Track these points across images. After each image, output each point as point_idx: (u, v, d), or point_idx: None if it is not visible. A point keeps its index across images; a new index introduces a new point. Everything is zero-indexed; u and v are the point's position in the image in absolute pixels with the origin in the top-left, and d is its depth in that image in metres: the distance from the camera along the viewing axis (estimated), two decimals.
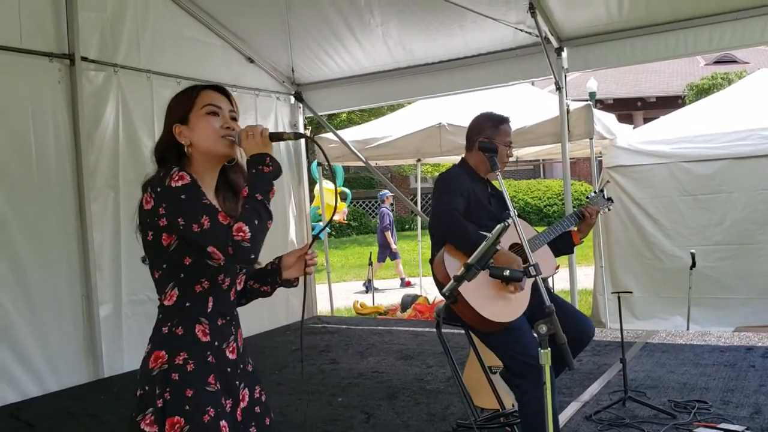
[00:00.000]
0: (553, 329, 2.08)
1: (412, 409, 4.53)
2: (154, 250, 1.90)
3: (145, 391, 1.83)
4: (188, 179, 1.82)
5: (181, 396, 1.79)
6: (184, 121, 1.96)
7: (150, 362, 1.85)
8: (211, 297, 1.91)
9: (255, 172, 1.88)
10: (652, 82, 23.15)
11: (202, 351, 1.87)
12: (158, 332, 1.90)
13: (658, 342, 6.04)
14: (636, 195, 7.24)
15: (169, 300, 1.90)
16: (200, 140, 1.94)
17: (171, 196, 1.80)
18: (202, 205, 1.80)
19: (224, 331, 1.93)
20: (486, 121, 3.45)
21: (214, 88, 2.03)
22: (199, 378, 1.83)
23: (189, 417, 1.77)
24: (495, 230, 2.25)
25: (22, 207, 5.30)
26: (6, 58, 5.19)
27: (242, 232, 1.76)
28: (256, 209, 1.81)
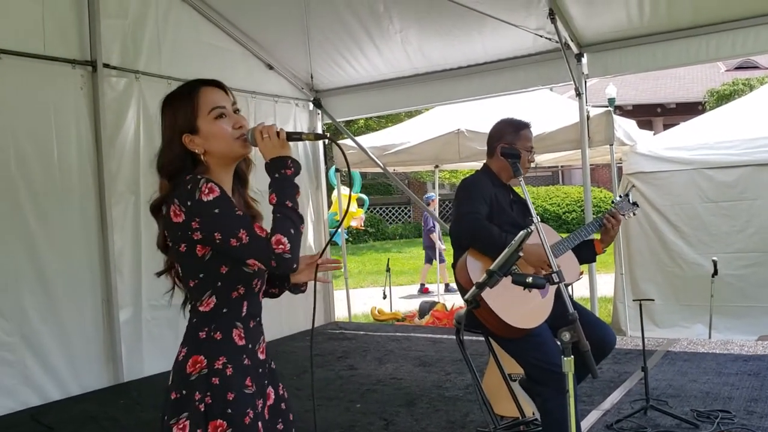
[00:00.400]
0: (577, 337, 2.06)
1: (431, 416, 4.51)
2: (189, 261, 1.87)
3: (182, 395, 1.82)
4: (218, 191, 1.79)
5: (223, 400, 1.80)
6: (192, 130, 1.90)
7: (187, 367, 1.84)
8: (245, 302, 1.91)
9: (278, 176, 1.85)
10: (672, 88, 22.98)
11: (239, 354, 1.88)
12: (194, 337, 1.88)
13: (679, 350, 5.97)
14: (657, 202, 7.17)
15: (206, 306, 1.88)
16: (216, 147, 1.90)
17: (204, 210, 1.77)
18: (237, 219, 1.78)
19: (255, 333, 1.95)
20: (507, 126, 3.44)
21: (209, 84, 1.95)
22: (238, 381, 1.84)
23: (231, 420, 1.79)
24: (518, 236, 2.24)
25: (45, 212, 5.36)
26: (30, 64, 5.26)
27: (282, 244, 1.76)
28: (289, 218, 1.80)
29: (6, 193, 5.15)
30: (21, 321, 5.16)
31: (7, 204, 5.15)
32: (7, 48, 5.08)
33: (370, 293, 11.47)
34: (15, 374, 5.10)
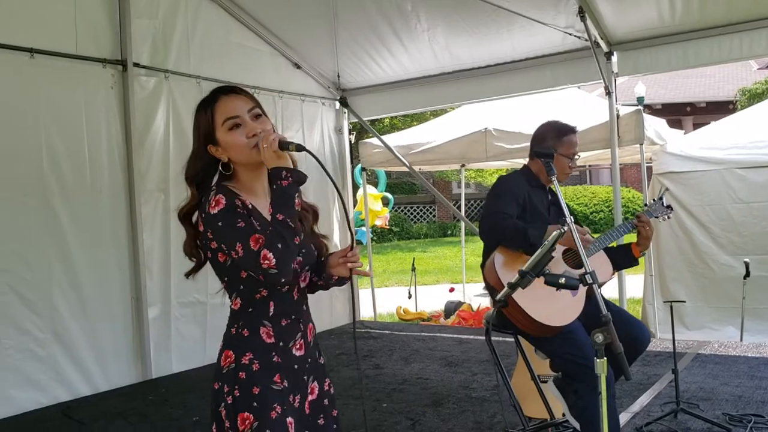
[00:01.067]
0: (610, 338, 2.04)
1: (457, 417, 4.49)
2: (215, 266, 1.98)
3: (219, 386, 1.92)
4: (223, 203, 1.86)
5: (249, 393, 1.87)
6: (213, 142, 1.96)
7: (221, 360, 1.94)
8: (271, 302, 1.95)
9: (275, 188, 1.87)
10: (702, 87, 22.63)
11: (267, 351, 1.93)
12: (227, 332, 1.97)
13: (710, 353, 5.89)
14: (687, 202, 7.06)
15: (235, 305, 1.97)
16: (235, 156, 1.96)
17: (211, 222, 1.87)
18: (235, 231, 1.84)
19: (290, 330, 1.97)
20: (550, 131, 3.41)
21: (226, 92, 1.99)
22: (264, 377, 1.90)
23: (257, 413, 1.85)
24: (551, 237, 2.22)
25: (76, 210, 5.44)
26: (62, 64, 5.34)
27: (267, 260, 1.78)
28: (278, 232, 1.82)
29: (38, 190, 5.23)
30: (52, 317, 5.25)
31: (40, 202, 5.24)
32: (40, 47, 5.16)
33: (395, 292, 11.45)
34: (46, 370, 5.19)
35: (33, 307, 5.13)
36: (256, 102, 2.01)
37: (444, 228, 22.76)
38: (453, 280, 12.38)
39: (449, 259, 16.41)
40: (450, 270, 14.44)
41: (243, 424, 1.84)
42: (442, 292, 10.77)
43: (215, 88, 2.02)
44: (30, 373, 5.08)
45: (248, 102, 1.98)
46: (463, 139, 7.92)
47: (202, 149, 1.97)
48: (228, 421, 1.87)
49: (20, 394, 5.01)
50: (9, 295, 5.01)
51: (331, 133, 8.11)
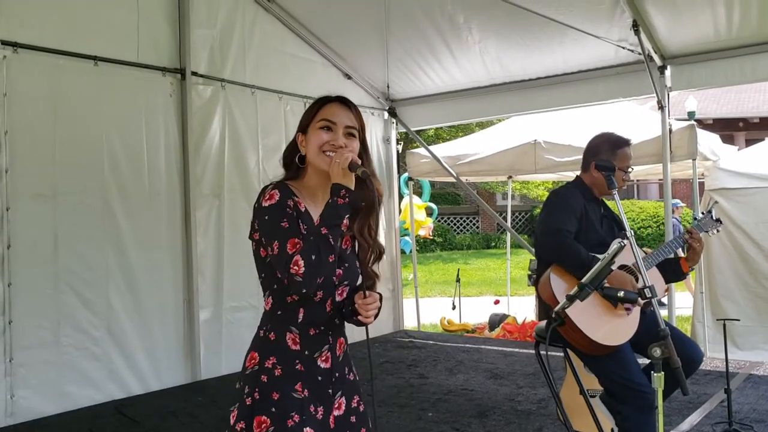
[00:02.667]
0: (668, 353, 2.04)
1: (503, 429, 4.49)
2: (257, 259, 1.99)
3: (240, 385, 1.94)
4: (276, 199, 1.88)
5: (268, 398, 1.87)
6: (304, 131, 2.03)
7: (247, 361, 1.95)
8: (301, 308, 1.94)
9: (330, 202, 1.90)
10: (756, 102, 22.10)
11: (291, 358, 1.92)
12: (257, 334, 2.00)
13: (763, 374, 5.76)
14: (740, 219, 6.92)
15: (267, 305, 1.98)
16: (309, 152, 2.00)
17: (259, 215, 1.90)
18: (278, 230, 1.85)
19: (317, 341, 1.96)
20: (604, 143, 3.40)
21: (340, 101, 2.06)
22: (286, 383, 1.90)
23: (274, 419, 1.85)
24: (612, 249, 2.23)
25: (134, 212, 5.60)
26: (123, 71, 5.53)
27: (296, 266, 1.79)
28: (316, 243, 1.83)
29: (99, 193, 5.41)
30: (108, 316, 5.41)
31: (100, 204, 5.42)
32: (103, 55, 5.36)
33: (438, 303, 11.46)
34: (101, 367, 5.35)
35: (90, 307, 5.30)
36: (361, 125, 2.06)
37: (487, 239, 22.66)
38: (497, 292, 12.33)
39: (493, 271, 16.34)
40: (494, 282, 14.39)
41: (259, 427, 1.84)
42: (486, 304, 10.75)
43: (338, 95, 2.09)
44: (86, 371, 5.24)
45: (352, 120, 2.03)
46: (512, 150, 7.92)
47: (296, 137, 2.06)
48: (243, 422, 1.86)
49: (77, 390, 5.17)
50: (69, 294, 5.19)
51: (379, 142, 8.19)
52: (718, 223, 3.48)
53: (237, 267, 6.13)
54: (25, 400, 4.86)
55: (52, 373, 5.04)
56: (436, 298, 12.64)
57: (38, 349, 4.96)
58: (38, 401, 4.93)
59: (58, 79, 5.13)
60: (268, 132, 6.62)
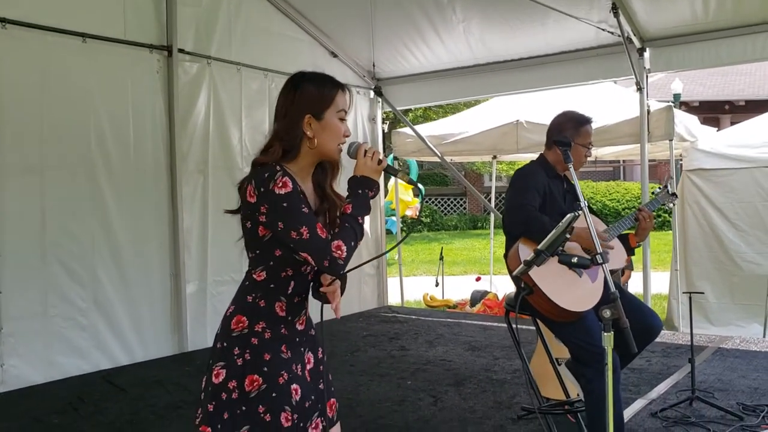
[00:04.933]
0: (617, 314, 2.18)
1: (478, 396, 4.66)
2: (251, 237, 2.07)
3: (223, 346, 2.05)
4: (290, 186, 1.96)
5: (260, 358, 2.01)
6: (318, 116, 2.06)
7: (232, 323, 2.06)
8: (293, 281, 2.09)
9: (361, 193, 2.04)
10: (742, 85, 22.29)
11: (278, 323, 2.07)
12: (243, 298, 2.09)
13: (731, 347, 5.96)
14: (716, 199, 7.10)
15: (259, 277, 2.08)
16: (324, 141, 2.06)
17: (274, 201, 1.95)
18: (303, 216, 1.95)
19: (298, 308, 2.13)
20: (568, 121, 3.52)
21: (346, 90, 2.14)
22: (274, 345, 2.04)
23: (266, 377, 1.99)
24: (565, 219, 2.37)
25: (120, 188, 5.70)
26: (111, 48, 5.61)
27: (340, 250, 1.95)
28: (355, 230, 2.00)
29: (85, 169, 5.51)
30: (95, 289, 5.53)
31: (86, 180, 5.51)
32: (91, 32, 5.43)
33: (423, 281, 11.63)
34: (88, 338, 5.48)
35: (77, 279, 5.42)
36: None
37: (474, 220, 22.84)
38: (481, 271, 12.51)
39: (477, 251, 16.53)
40: (478, 261, 14.57)
41: (251, 385, 1.97)
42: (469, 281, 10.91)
43: (335, 79, 2.14)
44: (73, 341, 5.38)
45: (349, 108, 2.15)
46: (495, 130, 8.03)
47: (300, 116, 2.05)
48: (234, 380, 1.98)
49: (65, 359, 5.31)
50: (56, 266, 5.30)
51: (365, 121, 8.28)
52: (674, 197, 3.68)
53: (221, 242, 6.27)
54: (15, 369, 4.99)
55: (40, 342, 5.17)
56: (421, 277, 12.82)
57: (27, 320, 5.08)
58: (27, 370, 5.06)
59: (46, 56, 5.20)
60: (252, 109, 6.71)
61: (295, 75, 2.15)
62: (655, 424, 4.00)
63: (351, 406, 4.50)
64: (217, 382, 2.00)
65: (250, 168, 2.09)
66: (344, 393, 4.77)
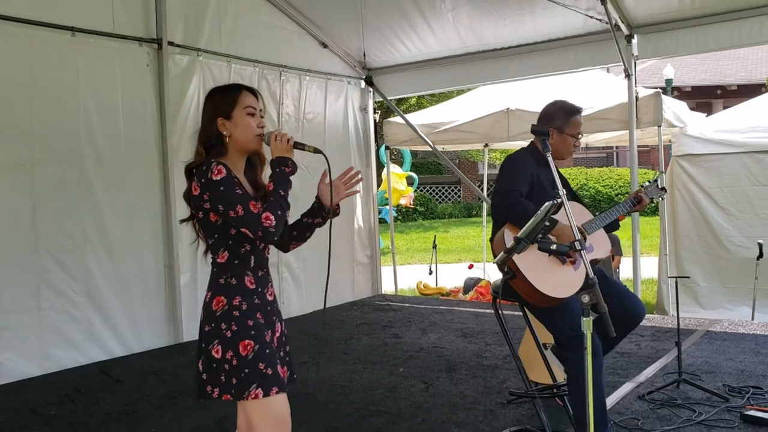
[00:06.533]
0: (596, 299, 2.24)
1: (469, 382, 4.73)
2: (206, 225, 2.40)
3: (211, 327, 2.35)
4: (224, 172, 2.29)
5: (245, 325, 2.33)
6: (227, 116, 2.41)
7: (213, 305, 2.37)
8: (252, 256, 2.43)
9: (278, 171, 2.39)
10: (734, 69, 22.35)
11: (251, 295, 2.40)
12: (216, 282, 2.40)
13: (720, 330, 6.04)
14: (705, 184, 7.16)
15: (222, 258, 2.40)
16: (239, 135, 2.42)
17: (213, 187, 2.28)
18: (237, 196, 2.28)
19: (264, 280, 2.47)
20: (558, 111, 3.55)
21: (251, 90, 2.48)
22: (252, 313, 2.37)
23: (254, 338, 2.32)
24: (544, 207, 2.42)
25: (111, 182, 5.73)
26: (100, 42, 5.63)
27: (269, 220, 2.28)
28: (278, 202, 2.33)
29: (76, 163, 5.53)
30: (87, 281, 5.57)
31: (77, 174, 5.54)
32: (80, 26, 5.44)
33: (417, 270, 11.70)
34: (82, 330, 5.52)
35: (70, 272, 5.45)
36: (264, 107, 2.54)
37: (469, 208, 22.91)
38: (474, 258, 12.57)
39: (472, 239, 16.60)
40: (472, 249, 14.65)
41: (245, 349, 2.29)
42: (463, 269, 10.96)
43: (238, 84, 2.52)
44: (67, 334, 5.41)
45: (260, 105, 2.49)
46: (486, 118, 8.07)
47: (214, 120, 2.41)
48: (230, 351, 2.29)
49: (60, 352, 5.35)
50: (48, 259, 5.33)
51: (356, 111, 8.31)
52: (663, 192, 3.74)
53: None
54: (9, 362, 5.04)
55: (34, 336, 5.21)
56: (414, 265, 12.88)
57: (20, 313, 5.12)
58: (22, 363, 5.10)
59: (35, 50, 5.21)
60: None
61: (209, 91, 2.54)
62: (642, 406, 4.07)
63: (344, 393, 4.56)
64: (219, 357, 2.31)
65: (185, 175, 2.46)
66: (337, 381, 4.83)
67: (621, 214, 3.53)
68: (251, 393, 2.26)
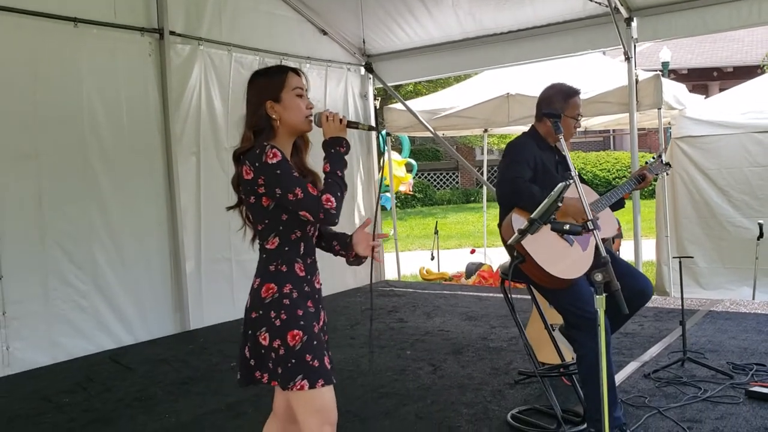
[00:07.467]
0: (608, 277, 2.28)
1: (476, 363, 4.79)
2: (257, 210, 2.33)
3: (259, 314, 2.30)
4: (280, 156, 2.24)
5: (295, 315, 2.29)
6: (276, 99, 2.36)
7: (262, 292, 2.31)
8: (302, 243, 2.38)
9: (333, 152, 2.35)
10: (730, 51, 22.31)
11: (301, 283, 2.35)
12: (266, 269, 2.34)
13: (722, 310, 6.11)
14: (704, 166, 7.20)
15: (272, 245, 2.34)
16: (288, 117, 2.37)
17: (268, 170, 2.23)
18: (295, 179, 2.24)
19: (312, 268, 2.41)
20: (557, 93, 3.58)
21: (296, 71, 2.43)
22: (302, 302, 2.33)
23: (304, 329, 2.28)
24: (557, 188, 2.46)
25: (115, 171, 5.78)
26: (102, 32, 5.65)
27: (330, 202, 2.25)
28: (337, 183, 2.30)
29: (79, 152, 5.57)
30: (94, 271, 5.62)
31: (80, 163, 5.58)
32: (81, 16, 5.45)
33: (418, 256, 11.75)
34: (89, 319, 5.58)
35: (76, 262, 5.51)
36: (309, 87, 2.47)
37: (467, 194, 22.94)
38: (475, 244, 12.62)
39: (471, 225, 16.66)
40: (472, 235, 14.70)
41: (293, 339, 2.25)
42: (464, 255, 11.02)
43: (287, 66, 2.48)
44: (75, 323, 5.48)
45: (306, 85, 2.44)
46: (486, 104, 8.09)
47: (262, 104, 2.35)
48: (277, 339, 2.25)
49: (69, 341, 5.41)
50: (55, 249, 5.38)
51: (356, 98, 8.33)
52: (668, 167, 3.76)
53: (213, 223, 6.35)
54: (19, 351, 5.09)
55: (43, 325, 5.27)
56: (416, 252, 12.93)
57: (28, 303, 5.18)
58: (32, 352, 5.17)
59: (38, 41, 5.23)
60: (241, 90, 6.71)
61: (251, 75, 2.48)
62: (648, 384, 4.13)
63: (353, 377, 4.62)
64: (266, 345, 2.27)
65: (233, 161, 2.38)
66: (346, 365, 4.89)
67: (626, 193, 3.57)
68: (296, 384, 2.22)
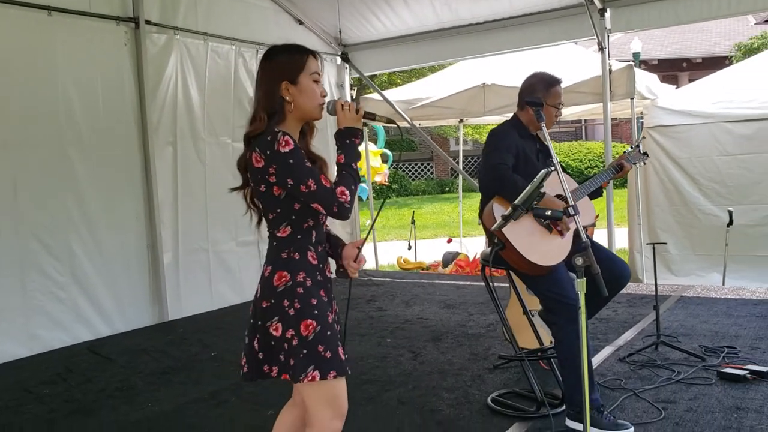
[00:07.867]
0: (588, 261, 2.35)
1: (455, 350, 4.86)
2: (268, 199, 2.25)
3: (271, 303, 2.22)
4: (292, 144, 2.16)
5: (309, 304, 2.21)
6: (293, 81, 2.26)
7: (274, 281, 2.24)
8: (314, 231, 2.31)
9: (349, 143, 2.29)
10: (699, 42, 22.67)
11: (314, 271, 2.28)
12: (277, 257, 2.27)
13: (693, 296, 6.26)
14: (675, 155, 7.34)
15: (283, 233, 2.27)
16: (303, 102, 2.27)
17: (281, 159, 2.15)
18: (307, 169, 2.17)
19: (324, 256, 2.35)
20: (539, 82, 3.65)
21: (315, 55, 2.33)
22: (316, 291, 2.25)
23: (317, 318, 2.20)
24: (539, 175, 2.52)
25: (91, 162, 5.73)
26: (77, 21, 5.58)
27: (344, 195, 2.19)
28: (352, 176, 2.24)
29: (55, 143, 5.51)
30: (71, 262, 5.58)
31: (56, 154, 5.52)
32: (56, 5, 5.39)
33: (395, 246, 11.82)
34: (67, 311, 5.54)
35: (53, 253, 5.46)
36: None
37: (442, 185, 23.05)
38: (450, 233, 12.73)
39: (447, 215, 16.77)
40: (447, 225, 14.81)
41: (307, 329, 2.18)
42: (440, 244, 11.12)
43: (308, 48, 2.33)
44: (53, 314, 5.43)
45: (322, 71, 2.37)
46: (462, 94, 8.16)
47: (277, 84, 2.25)
48: (290, 329, 2.18)
49: (46, 333, 5.37)
50: (31, 241, 5.33)
51: (333, 88, 8.33)
52: (645, 156, 3.85)
53: (189, 213, 6.36)
54: None
55: (21, 317, 5.22)
56: (392, 242, 13.00)
57: (5, 295, 5.13)
58: (10, 344, 5.12)
59: (11, 30, 5.16)
60: (218, 79, 6.72)
61: (269, 49, 2.35)
62: (623, 368, 4.23)
63: None
64: (278, 335, 2.20)
65: (244, 143, 2.27)
66: None
67: (604, 182, 3.66)
68: (308, 375, 2.15)
